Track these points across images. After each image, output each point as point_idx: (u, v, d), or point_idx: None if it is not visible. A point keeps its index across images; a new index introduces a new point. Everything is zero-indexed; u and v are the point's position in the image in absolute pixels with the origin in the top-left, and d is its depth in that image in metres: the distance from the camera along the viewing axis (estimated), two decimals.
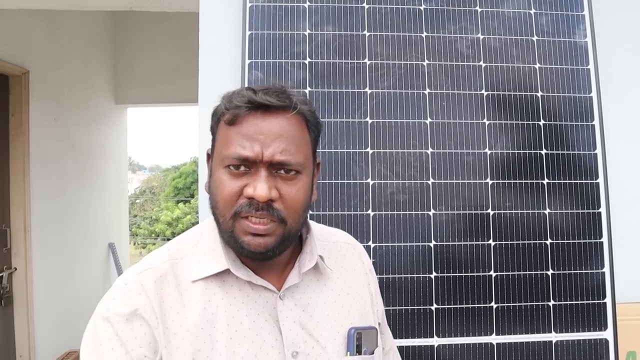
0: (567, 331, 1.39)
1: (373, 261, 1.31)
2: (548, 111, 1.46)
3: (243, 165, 0.78)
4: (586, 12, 1.51)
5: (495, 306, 1.38)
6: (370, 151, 1.40)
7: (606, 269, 1.42)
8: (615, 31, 1.56)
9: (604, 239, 1.44)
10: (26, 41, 3.02)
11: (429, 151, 1.41)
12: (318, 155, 0.91)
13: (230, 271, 0.81)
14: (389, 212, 1.38)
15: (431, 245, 1.38)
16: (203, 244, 0.86)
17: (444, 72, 1.44)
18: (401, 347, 1.32)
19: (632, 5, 1.58)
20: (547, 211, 1.43)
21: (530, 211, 1.42)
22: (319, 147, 1.35)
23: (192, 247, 0.86)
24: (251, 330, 0.81)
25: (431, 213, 1.39)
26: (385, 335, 1.03)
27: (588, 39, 1.50)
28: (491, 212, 1.41)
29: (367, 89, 1.42)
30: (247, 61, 1.40)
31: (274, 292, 0.84)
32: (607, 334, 1.40)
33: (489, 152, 1.43)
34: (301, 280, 0.87)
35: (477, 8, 1.48)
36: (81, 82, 3.82)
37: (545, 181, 1.44)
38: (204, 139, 1.43)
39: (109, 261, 4.35)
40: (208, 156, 0.89)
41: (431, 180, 1.40)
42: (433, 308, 1.37)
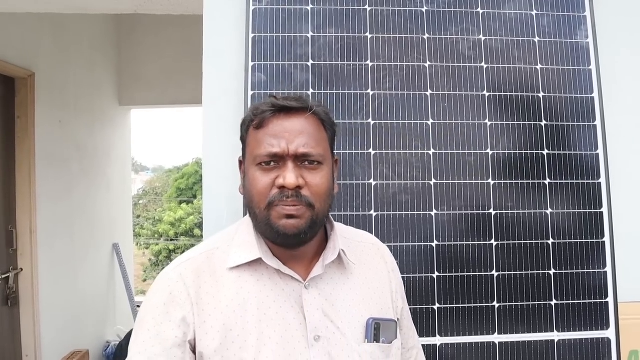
0: (570, 330, 1.40)
1: None
2: (550, 112, 1.47)
3: (273, 160, 0.91)
4: (588, 13, 1.52)
5: (497, 305, 1.39)
6: (372, 152, 1.41)
7: (608, 269, 1.43)
8: (617, 32, 1.56)
9: (606, 239, 1.44)
10: (32, 44, 3.04)
11: (431, 152, 1.42)
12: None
13: (262, 262, 0.93)
14: (392, 213, 1.39)
15: (433, 245, 1.39)
16: (239, 238, 0.97)
17: (446, 74, 1.45)
18: None
19: (634, 5, 1.59)
20: (549, 211, 1.43)
21: (532, 211, 1.43)
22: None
23: (229, 241, 0.98)
24: (278, 314, 0.91)
25: (433, 213, 1.40)
26: (409, 333, 1.11)
27: (590, 40, 1.51)
28: (493, 212, 1.42)
29: (370, 91, 1.43)
30: (251, 63, 1.42)
31: (300, 282, 0.94)
32: (610, 333, 1.41)
33: (491, 153, 1.44)
34: (325, 272, 0.96)
35: (479, 10, 1.49)
36: (86, 84, 3.84)
37: (547, 181, 1.44)
38: (209, 140, 1.45)
39: (114, 262, 4.37)
40: (240, 163, 1.02)
41: (433, 180, 1.41)
42: (435, 307, 1.38)
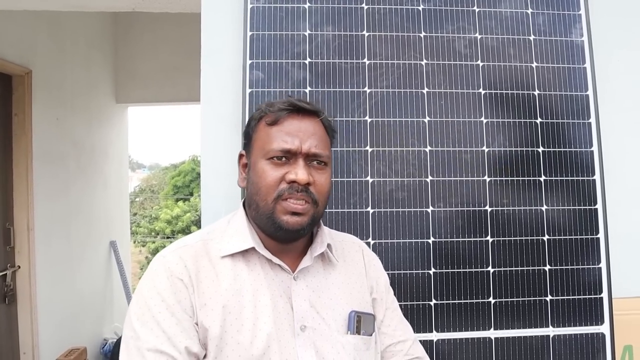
0: (565, 325, 1.42)
1: None
2: (545, 109, 1.48)
3: (284, 156, 0.95)
4: (582, 12, 1.53)
5: (493, 301, 1.40)
6: (369, 149, 1.42)
7: (603, 265, 1.45)
8: (611, 30, 1.58)
9: (601, 235, 1.46)
10: (29, 41, 3.04)
11: (428, 149, 1.43)
12: None
13: (253, 251, 0.97)
14: (388, 210, 1.40)
15: (430, 241, 1.41)
16: (232, 228, 1.01)
17: (442, 72, 1.46)
18: None
19: (628, 4, 1.60)
20: (544, 208, 1.45)
21: (527, 208, 1.44)
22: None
23: (222, 232, 1.01)
24: (271, 301, 0.95)
25: (430, 210, 1.41)
26: (398, 325, 1.12)
27: (584, 38, 1.52)
28: (489, 209, 1.43)
29: (367, 89, 1.44)
30: (249, 61, 1.42)
31: (289, 273, 0.99)
32: (604, 328, 1.43)
33: (487, 150, 1.45)
34: (312, 265, 1.01)
35: (475, 8, 1.50)
36: (83, 82, 3.84)
37: (542, 178, 1.46)
38: (206, 138, 1.46)
39: (111, 259, 4.37)
40: (241, 156, 1.06)
41: (430, 177, 1.43)
42: (432, 303, 1.39)
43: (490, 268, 1.41)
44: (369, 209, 1.40)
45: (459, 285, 1.40)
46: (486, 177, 1.44)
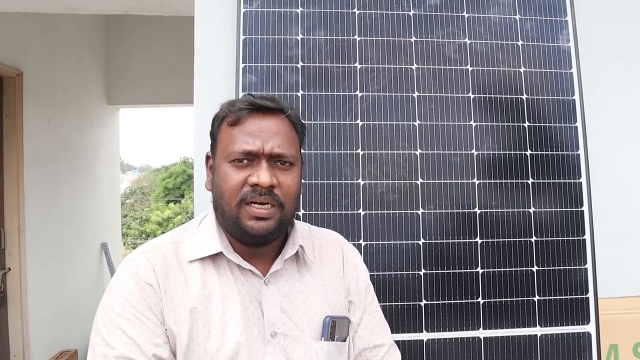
0: (551, 325, 1.44)
1: (365, 259, 1.37)
2: (532, 113, 1.51)
3: (246, 158, 0.91)
4: (569, 18, 1.56)
5: (482, 302, 1.43)
6: (360, 152, 1.44)
7: (589, 265, 1.47)
8: (597, 36, 1.61)
9: (587, 236, 1.48)
10: (20, 43, 3.03)
11: (418, 152, 1.46)
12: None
13: (223, 256, 0.94)
14: (379, 212, 1.42)
15: (420, 243, 1.43)
16: (201, 231, 0.97)
17: (432, 76, 1.49)
18: None
19: (614, 11, 1.63)
20: (532, 210, 1.47)
21: (515, 210, 1.47)
22: (313, 149, 1.39)
23: (192, 234, 0.98)
24: (240, 307, 0.92)
25: (420, 212, 1.44)
26: (375, 331, 1.07)
27: (571, 44, 1.55)
28: (478, 211, 1.45)
29: (358, 92, 1.46)
30: (242, 65, 1.44)
31: (260, 278, 0.95)
32: (590, 328, 1.45)
33: (476, 153, 1.47)
34: (285, 268, 0.98)
35: (464, 14, 1.52)
36: (75, 83, 3.82)
37: (530, 181, 1.48)
38: (199, 140, 1.47)
39: (102, 261, 4.36)
40: (207, 158, 1.02)
41: (420, 180, 1.45)
42: (422, 304, 1.41)
43: (479, 269, 1.43)
44: (360, 211, 1.42)
45: (449, 285, 1.42)
46: (475, 180, 1.46)
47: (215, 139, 0.99)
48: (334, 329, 0.97)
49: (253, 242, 0.94)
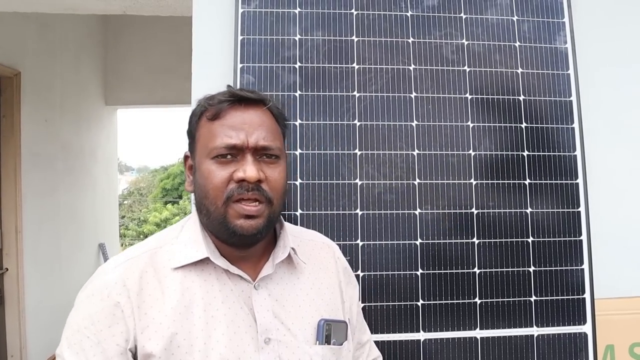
0: (548, 325, 1.44)
1: (362, 259, 1.38)
2: (530, 114, 1.51)
3: (230, 153, 0.86)
4: (566, 19, 1.56)
5: (479, 302, 1.43)
6: (358, 152, 1.44)
7: (585, 266, 1.48)
8: (594, 37, 1.61)
9: (583, 237, 1.49)
10: (18, 43, 3.03)
11: (415, 152, 1.46)
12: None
13: (209, 261, 0.88)
14: (377, 212, 1.43)
15: (417, 243, 1.43)
16: (184, 236, 0.92)
17: (430, 77, 1.49)
18: (389, 342, 1.37)
19: (611, 12, 1.64)
20: (529, 210, 1.48)
21: (512, 210, 1.47)
22: (310, 149, 1.39)
23: (173, 239, 0.92)
24: (227, 316, 0.87)
25: (417, 212, 1.44)
26: (362, 329, 1.11)
27: (568, 45, 1.55)
28: (475, 211, 1.46)
29: (356, 93, 1.46)
30: (239, 65, 1.44)
31: (249, 282, 0.91)
32: (586, 328, 1.45)
33: (473, 154, 1.48)
34: (275, 272, 0.94)
35: (462, 15, 1.53)
36: (72, 84, 3.83)
37: (527, 181, 1.49)
38: None
39: (99, 262, 4.36)
40: (186, 158, 0.97)
41: (417, 180, 1.45)
42: (419, 304, 1.41)
43: (476, 269, 1.44)
44: (358, 211, 1.42)
45: (446, 285, 1.42)
46: (472, 180, 1.47)
47: (194, 137, 0.93)
48: (329, 332, 0.94)
49: (241, 243, 0.89)
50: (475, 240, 1.45)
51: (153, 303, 0.85)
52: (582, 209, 1.50)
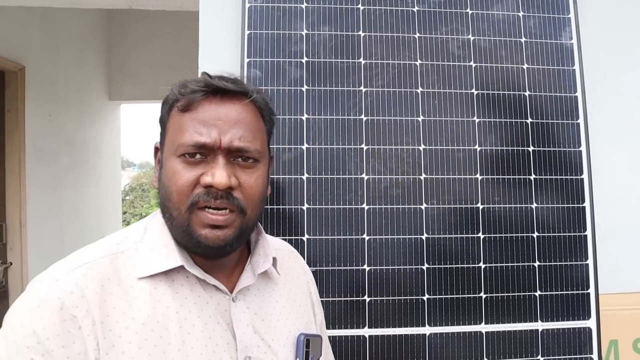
0: (553, 320, 1.45)
1: (368, 254, 1.38)
2: (535, 110, 1.52)
3: (199, 153, 0.75)
4: (572, 15, 1.56)
5: (484, 296, 1.44)
6: (364, 147, 1.44)
7: (590, 261, 1.48)
8: (599, 33, 1.62)
9: (588, 233, 1.49)
10: (22, 37, 3.03)
11: (421, 147, 1.46)
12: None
13: (180, 270, 0.77)
14: (383, 206, 1.43)
15: (423, 238, 1.44)
16: (151, 239, 0.79)
17: (436, 72, 1.49)
18: (394, 336, 1.38)
19: (616, 8, 1.64)
20: (534, 205, 1.48)
21: (517, 205, 1.48)
22: (317, 143, 1.40)
23: (137, 242, 0.79)
24: (204, 332, 0.75)
25: (423, 207, 1.44)
26: (326, 341, 1.01)
27: (574, 41, 1.56)
28: (480, 207, 1.46)
29: (362, 88, 1.46)
30: (246, 60, 1.44)
31: (226, 294, 0.80)
32: (591, 323, 1.46)
33: (479, 149, 1.48)
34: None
35: (468, 10, 1.53)
36: (76, 78, 3.83)
37: (532, 177, 1.49)
38: None
39: None
40: (156, 150, 0.85)
41: (423, 175, 1.45)
42: (425, 298, 1.42)
43: (481, 264, 1.44)
44: (364, 206, 1.43)
45: (451, 280, 1.43)
46: (478, 175, 1.47)
47: (164, 127, 0.81)
48: (309, 348, 0.85)
49: (207, 255, 0.78)
50: (480, 235, 1.45)
51: (119, 317, 0.70)
52: (587, 205, 1.50)
